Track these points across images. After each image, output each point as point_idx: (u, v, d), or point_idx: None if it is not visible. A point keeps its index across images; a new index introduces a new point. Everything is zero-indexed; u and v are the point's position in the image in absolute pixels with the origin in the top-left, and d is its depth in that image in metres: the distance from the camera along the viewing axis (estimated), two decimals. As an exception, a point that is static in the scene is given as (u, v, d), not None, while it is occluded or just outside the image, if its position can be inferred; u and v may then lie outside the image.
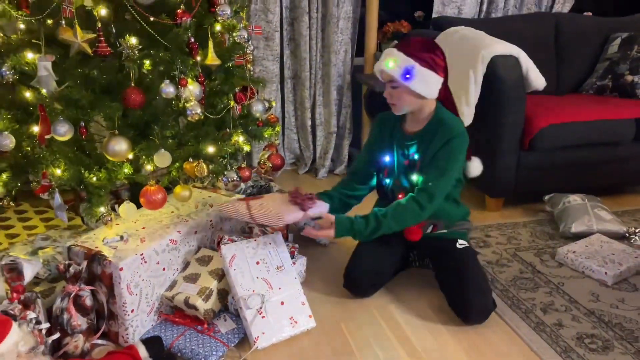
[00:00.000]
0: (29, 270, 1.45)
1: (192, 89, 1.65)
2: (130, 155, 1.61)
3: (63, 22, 1.49)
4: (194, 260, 1.73)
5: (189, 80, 1.65)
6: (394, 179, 1.82)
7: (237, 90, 1.89)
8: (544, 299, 1.81)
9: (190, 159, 1.73)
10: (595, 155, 2.50)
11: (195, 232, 1.76)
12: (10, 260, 1.43)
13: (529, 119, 2.35)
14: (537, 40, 2.89)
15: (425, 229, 1.79)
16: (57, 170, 1.61)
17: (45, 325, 1.42)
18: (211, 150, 1.75)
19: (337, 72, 2.99)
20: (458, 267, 1.72)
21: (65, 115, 1.55)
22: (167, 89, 1.59)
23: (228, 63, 1.89)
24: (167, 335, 1.58)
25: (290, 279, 1.69)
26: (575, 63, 2.98)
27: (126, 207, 1.67)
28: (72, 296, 1.48)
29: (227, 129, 1.86)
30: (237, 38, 1.87)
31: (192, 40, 1.68)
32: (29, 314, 1.38)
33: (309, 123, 3.06)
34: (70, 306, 1.47)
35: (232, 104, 1.86)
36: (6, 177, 1.74)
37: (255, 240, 1.73)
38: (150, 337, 1.54)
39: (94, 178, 1.64)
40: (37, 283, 1.70)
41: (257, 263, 1.67)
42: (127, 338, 1.56)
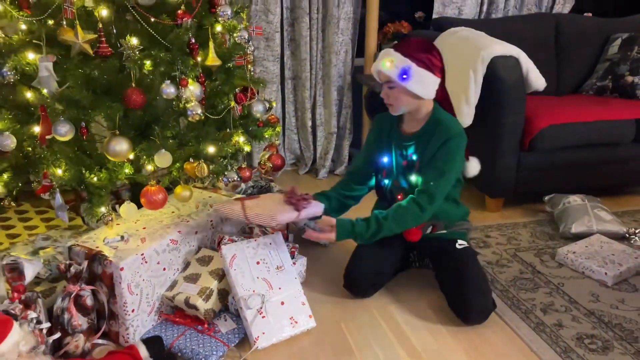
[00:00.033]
0: (29, 270, 1.45)
1: (193, 89, 1.65)
2: (131, 156, 1.61)
3: (64, 23, 1.50)
4: (195, 260, 1.73)
5: (190, 80, 1.66)
6: (393, 180, 1.82)
7: (237, 91, 1.90)
8: (544, 300, 1.81)
9: (190, 159, 1.73)
10: (596, 156, 2.50)
11: (196, 232, 1.76)
12: (11, 260, 1.43)
13: (529, 120, 2.35)
14: (537, 41, 2.89)
15: (424, 229, 1.80)
16: (58, 171, 1.62)
17: (46, 325, 1.42)
18: (212, 150, 1.76)
19: (338, 72, 2.99)
20: (458, 267, 1.72)
21: (66, 116, 1.55)
22: (168, 90, 1.60)
23: (229, 63, 1.90)
24: (167, 335, 1.58)
25: (290, 279, 1.70)
26: (575, 64, 2.98)
27: (127, 207, 1.68)
28: (72, 296, 1.48)
29: (227, 130, 1.87)
30: (237, 39, 1.87)
31: (193, 40, 1.69)
32: (30, 314, 1.39)
33: (310, 123, 3.06)
34: (71, 306, 1.47)
35: (232, 104, 1.86)
36: (7, 177, 1.75)
37: (255, 241, 1.73)
38: (151, 337, 1.54)
39: (95, 178, 1.65)
40: (38, 283, 1.70)
41: (258, 263, 1.68)
42: (128, 338, 1.57)
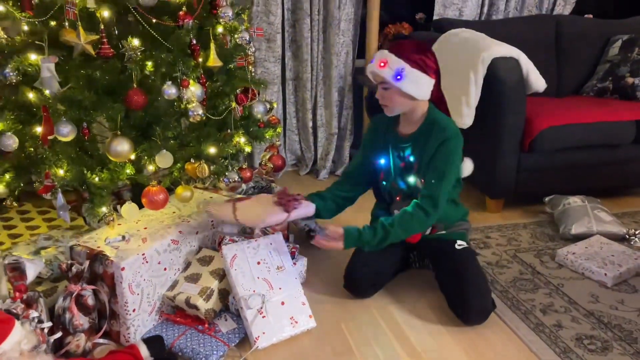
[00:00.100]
0: (31, 270, 1.46)
1: (194, 90, 1.66)
2: (133, 156, 1.62)
3: (66, 24, 1.50)
4: (195, 260, 1.74)
5: (191, 81, 1.66)
6: (391, 182, 1.83)
7: (238, 92, 1.90)
8: (544, 300, 1.82)
9: (191, 160, 1.74)
10: (596, 157, 2.50)
11: (197, 232, 1.77)
12: (13, 260, 1.44)
13: (529, 121, 2.35)
14: (537, 42, 2.89)
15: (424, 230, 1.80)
16: (60, 171, 1.62)
17: (48, 324, 1.43)
18: (212, 151, 1.76)
19: (339, 73, 2.99)
20: (457, 268, 1.73)
21: (68, 116, 1.56)
22: (169, 90, 1.60)
23: (230, 64, 1.90)
24: (168, 335, 1.58)
25: (290, 279, 1.70)
26: (575, 65, 2.98)
27: (128, 208, 1.68)
28: (74, 295, 1.49)
29: (228, 130, 1.87)
30: (238, 40, 1.88)
31: (194, 42, 1.69)
32: (32, 313, 1.39)
33: (310, 124, 3.06)
34: (72, 305, 1.48)
35: (233, 105, 1.87)
36: (9, 177, 1.75)
37: (256, 241, 1.74)
38: (152, 336, 1.55)
39: (97, 178, 1.65)
40: (39, 282, 1.71)
41: (258, 263, 1.68)
42: (129, 337, 1.57)
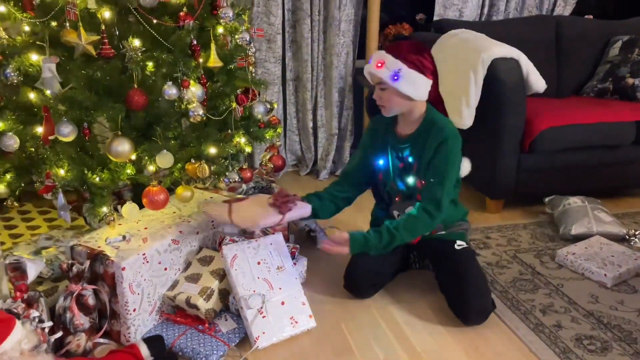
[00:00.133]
0: (32, 270, 1.46)
1: (195, 90, 1.66)
2: (133, 156, 1.63)
3: (67, 25, 1.51)
4: (196, 260, 1.74)
5: (192, 82, 1.67)
6: (390, 182, 1.83)
7: (239, 92, 1.91)
8: (544, 301, 1.82)
9: (192, 160, 1.74)
10: (596, 158, 2.50)
11: (197, 232, 1.77)
12: (14, 260, 1.44)
13: (529, 122, 2.36)
14: (537, 43, 2.89)
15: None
16: (61, 171, 1.63)
17: (48, 324, 1.43)
18: (213, 151, 1.77)
19: (339, 74, 3.00)
20: (457, 268, 1.73)
21: (69, 117, 1.56)
22: (170, 91, 1.61)
23: (230, 65, 1.91)
24: (168, 335, 1.59)
25: (290, 279, 1.71)
26: (576, 66, 2.98)
27: (129, 208, 1.69)
28: (74, 295, 1.49)
29: (228, 131, 1.88)
30: (239, 40, 1.89)
31: (195, 42, 1.70)
32: (32, 313, 1.40)
33: (311, 125, 3.07)
34: (72, 305, 1.48)
35: (233, 105, 1.87)
36: (10, 177, 1.76)
37: (256, 241, 1.74)
38: (152, 336, 1.55)
39: (97, 178, 1.66)
40: (40, 282, 1.71)
41: (258, 263, 1.69)
42: (129, 337, 1.57)
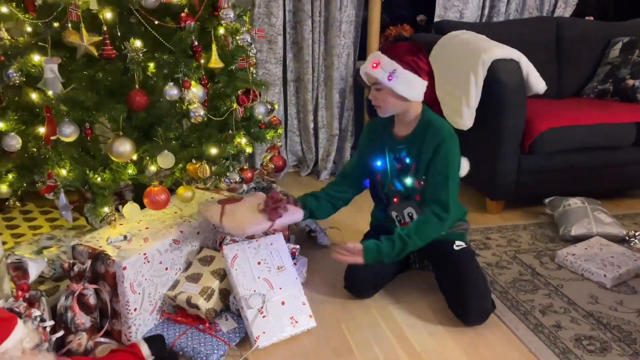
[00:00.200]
0: (34, 269, 1.46)
1: (196, 91, 1.67)
2: (134, 157, 1.63)
3: (69, 25, 1.52)
4: (196, 260, 1.74)
5: (193, 82, 1.67)
6: (388, 183, 1.84)
7: (239, 93, 1.91)
8: (543, 301, 1.82)
9: (193, 160, 1.75)
10: (596, 159, 2.50)
11: (198, 232, 1.78)
12: (16, 259, 1.45)
13: (530, 123, 2.36)
14: (538, 44, 2.89)
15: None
16: (63, 171, 1.64)
17: (50, 323, 1.44)
18: (214, 151, 1.77)
19: (340, 75, 3.00)
20: (456, 269, 1.73)
21: (71, 117, 1.57)
22: (171, 91, 1.62)
23: (231, 66, 1.91)
24: (169, 334, 1.59)
25: (291, 279, 1.71)
26: (576, 67, 2.98)
27: (130, 208, 1.69)
28: (76, 295, 1.50)
29: (229, 131, 1.88)
30: (240, 41, 1.89)
31: (196, 43, 1.71)
32: (34, 312, 1.40)
33: (312, 125, 3.08)
34: (74, 304, 1.49)
35: (234, 106, 1.88)
36: (12, 177, 1.77)
37: (256, 241, 1.75)
38: (153, 335, 1.56)
39: (99, 179, 1.67)
40: (41, 282, 1.72)
41: (259, 263, 1.69)
42: (130, 336, 1.58)
